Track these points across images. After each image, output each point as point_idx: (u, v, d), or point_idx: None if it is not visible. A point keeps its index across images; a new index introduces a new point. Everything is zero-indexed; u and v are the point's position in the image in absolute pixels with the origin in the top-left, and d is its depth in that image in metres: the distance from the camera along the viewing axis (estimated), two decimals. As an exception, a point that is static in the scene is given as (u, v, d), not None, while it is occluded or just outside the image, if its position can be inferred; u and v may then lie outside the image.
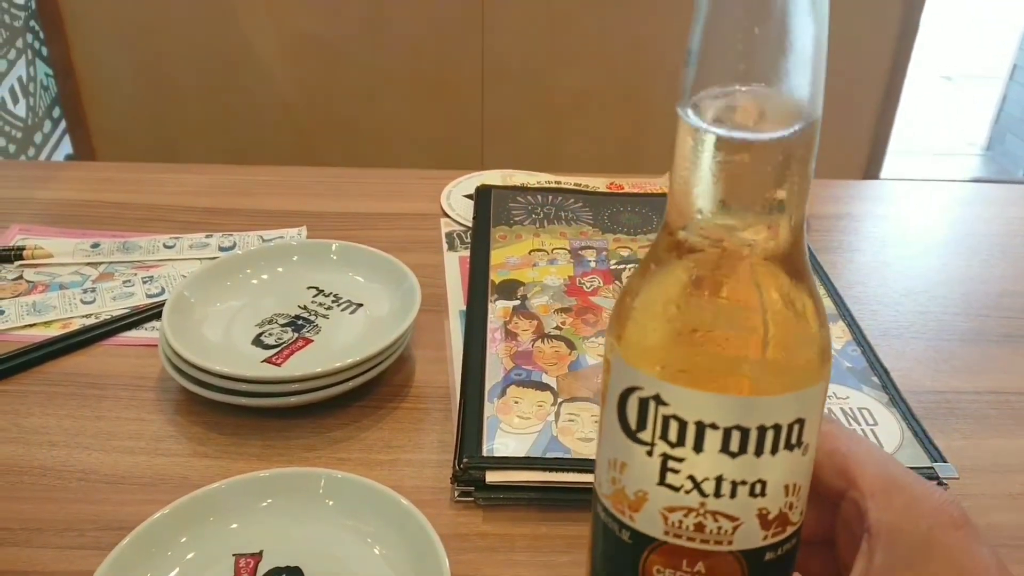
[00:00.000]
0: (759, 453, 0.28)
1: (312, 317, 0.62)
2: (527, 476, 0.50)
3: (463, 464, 0.50)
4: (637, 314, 0.29)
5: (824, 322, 0.29)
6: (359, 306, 0.64)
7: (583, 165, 1.83)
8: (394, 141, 1.85)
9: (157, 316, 0.64)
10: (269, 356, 0.58)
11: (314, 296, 0.65)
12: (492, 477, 0.50)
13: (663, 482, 0.29)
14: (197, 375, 0.55)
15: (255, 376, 0.55)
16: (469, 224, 0.77)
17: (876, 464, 0.32)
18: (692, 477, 0.28)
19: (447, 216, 0.80)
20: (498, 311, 0.63)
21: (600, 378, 0.57)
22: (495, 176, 0.86)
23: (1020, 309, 0.71)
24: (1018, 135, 2.92)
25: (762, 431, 0.28)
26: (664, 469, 0.29)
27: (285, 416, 0.56)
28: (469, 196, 0.81)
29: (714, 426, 0.27)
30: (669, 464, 0.28)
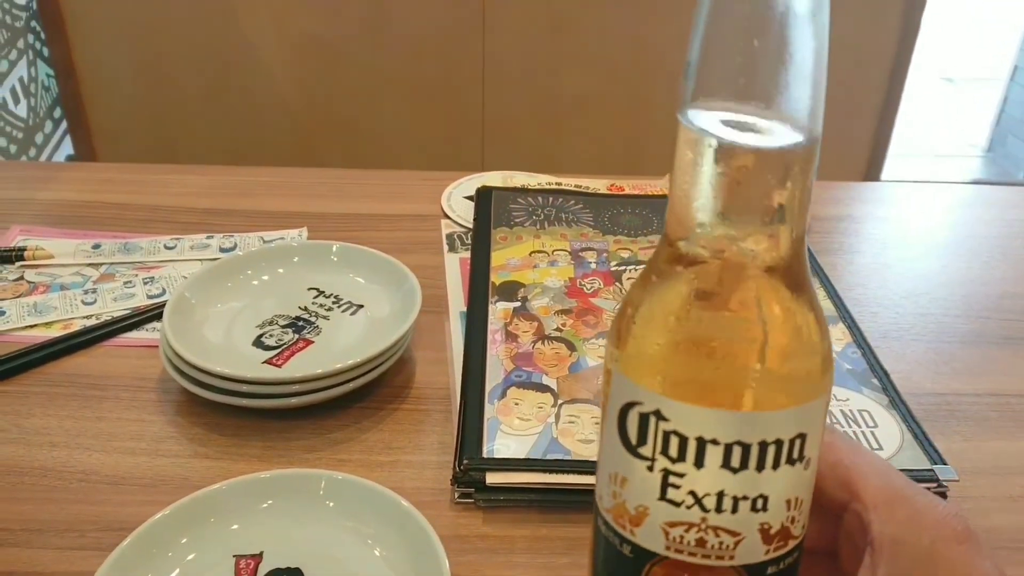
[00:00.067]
0: (761, 468, 0.28)
1: (313, 318, 0.63)
2: (527, 478, 0.50)
3: (463, 465, 0.50)
4: (637, 329, 0.29)
5: (825, 335, 0.29)
6: (360, 307, 0.64)
7: (584, 166, 1.83)
8: (394, 142, 1.86)
9: (158, 317, 0.64)
10: (270, 357, 0.58)
11: (315, 297, 0.65)
12: (492, 479, 0.50)
13: (664, 497, 0.29)
14: (198, 376, 0.55)
15: (256, 377, 0.55)
16: (470, 225, 0.77)
17: (879, 476, 0.32)
18: (693, 492, 0.28)
19: (448, 217, 0.81)
20: (498, 312, 0.64)
21: (601, 380, 0.57)
22: (496, 177, 0.86)
23: (1020, 311, 0.71)
24: (1019, 137, 2.92)
25: (763, 446, 0.27)
26: (665, 484, 0.28)
27: (286, 417, 0.56)
28: (470, 197, 0.82)
29: (715, 442, 0.27)
30: (670, 479, 0.28)
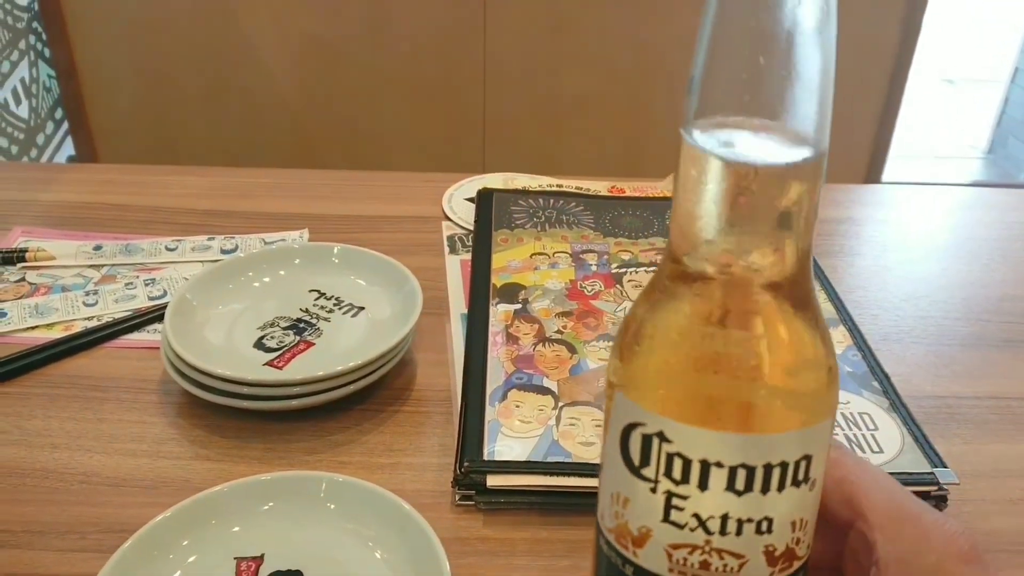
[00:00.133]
0: (765, 491, 0.27)
1: (314, 320, 0.63)
2: (528, 480, 0.50)
3: (464, 468, 0.50)
4: (640, 349, 0.28)
5: (831, 354, 0.28)
6: (360, 309, 0.64)
7: (584, 167, 1.83)
8: (394, 142, 1.86)
9: (159, 319, 0.64)
10: (271, 359, 0.58)
11: (316, 299, 0.65)
12: (493, 481, 0.50)
13: (667, 519, 0.28)
14: (199, 378, 0.55)
15: (257, 379, 0.55)
16: (471, 227, 0.77)
17: (884, 493, 0.32)
18: (697, 515, 0.28)
19: (449, 219, 0.81)
20: (499, 315, 0.64)
21: (602, 382, 0.57)
22: (497, 179, 0.86)
23: (1021, 314, 0.71)
24: (1020, 138, 2.92)
25: (768, 469, 0.27)
26: (668, 506, 0.28)
27: (287, 419, 0.56)
28: (471, 199, 0.82)
29: (719, 464, 0.27)
30: (673, 501, 0.28)
